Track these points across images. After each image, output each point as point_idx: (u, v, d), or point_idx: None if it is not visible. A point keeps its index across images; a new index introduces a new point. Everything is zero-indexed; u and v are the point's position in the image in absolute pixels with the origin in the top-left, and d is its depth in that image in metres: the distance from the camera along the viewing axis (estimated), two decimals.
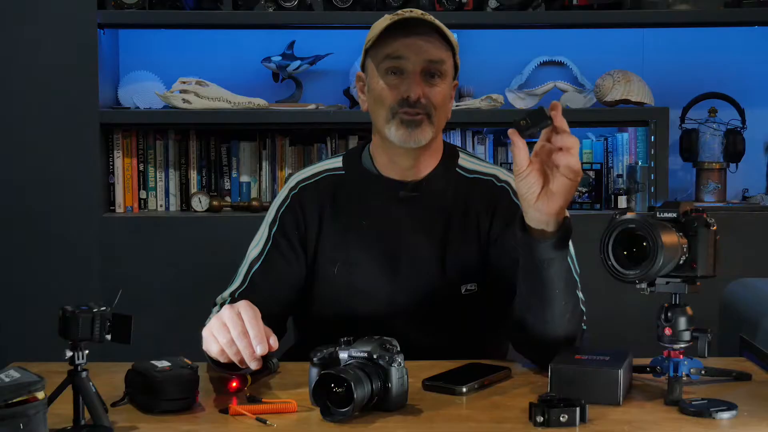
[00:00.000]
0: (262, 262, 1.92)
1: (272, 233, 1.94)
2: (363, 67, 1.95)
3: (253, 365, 1.56)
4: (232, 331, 1.56)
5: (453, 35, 1.90)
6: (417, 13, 1.87)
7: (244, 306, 1.60)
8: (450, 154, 1.97)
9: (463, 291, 1.90)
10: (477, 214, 1.92)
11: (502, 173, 1.97)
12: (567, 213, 1.64)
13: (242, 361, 1.56)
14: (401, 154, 1.90)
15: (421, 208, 1.92)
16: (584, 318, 1.79)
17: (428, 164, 1.93)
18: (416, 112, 1.84)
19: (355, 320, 1.88)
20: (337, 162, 2.00)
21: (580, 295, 1.77)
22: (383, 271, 1.90)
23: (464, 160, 1.98)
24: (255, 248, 1.94)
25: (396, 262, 1.90)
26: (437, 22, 1.87)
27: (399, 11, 1.88)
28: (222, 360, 1.59)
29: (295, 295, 1.93)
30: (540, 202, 1.59)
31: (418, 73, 1.85)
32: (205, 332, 1.62)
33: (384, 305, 1.89)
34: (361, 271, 1.90)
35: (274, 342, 1.57)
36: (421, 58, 1.84)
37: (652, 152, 3.31)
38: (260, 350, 1.55)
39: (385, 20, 1.87)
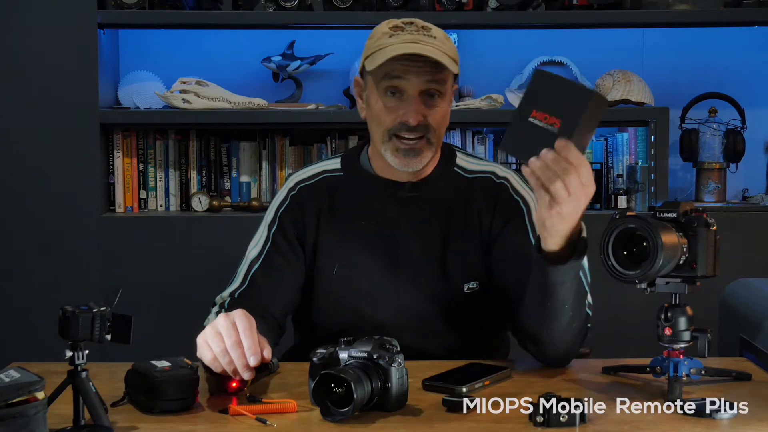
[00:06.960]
0: (262, 261, 1.91)
1: (272, 233, 1.94)
2: (361, 74, 1.92)
3: (246, 375, 1.55)
4: (227, 341, 1.55)
5: (454, 47, 1.87)
6: (418, 24, 1.83)
7: (239, 315, 1.58)
8: (448, 154, 1.97)
9: (465, 289, 1.90)
10: (478, 212, 1.92)
11: (500, 169, 1.97)
12: (584, 232, 1.63)
13: (235, 371, 1.55)
14: None
15: (421, 207, 1.91)
16: (590, 316, 1.79)
17: (427, 166, 1.92)
18: (415, 138, 1.83)
19: (356, 320, 1.87)
20: (335, 163, 2.00)
21: (589, 298, 1.77)
22: (383, 271, 1.89)
23: (462, 160, 1.98)
24: (254, 248, 1.94)
25: (396, 262, 1.89)
26: (439, 43, 1.81)
27: (401, 21, 1.83)
28: (215, 369, 1.58)
29: (295, 295, 1.93)
30: (551, 220, 1.58)
31: (417, 96, 1.82)
32: (200, 340, 1.60)
33: (385, 304, 1.88)
34: (361, 271, 1.90)
35: (267, 353, 1.56)
36: (422, 79, 1.81)
37: (652, 152, 3.31)
38: (253, 361, 1.53)
39: (386, 32, 1.83)
